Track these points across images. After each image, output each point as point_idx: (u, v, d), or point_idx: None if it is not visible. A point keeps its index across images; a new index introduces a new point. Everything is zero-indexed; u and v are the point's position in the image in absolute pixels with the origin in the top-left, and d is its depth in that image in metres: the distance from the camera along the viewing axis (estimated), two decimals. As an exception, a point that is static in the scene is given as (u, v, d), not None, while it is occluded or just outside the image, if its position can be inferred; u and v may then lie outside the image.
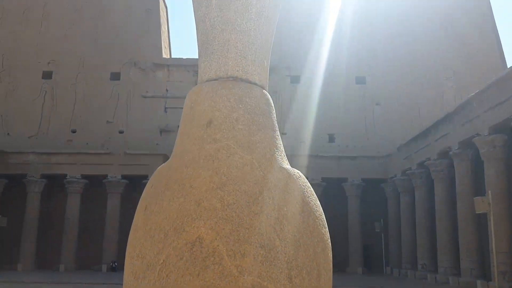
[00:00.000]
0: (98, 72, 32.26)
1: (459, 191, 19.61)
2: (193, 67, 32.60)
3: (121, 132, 31.51)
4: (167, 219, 1.94)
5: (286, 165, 2.17)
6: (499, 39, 33.54)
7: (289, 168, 2.16)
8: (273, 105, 2.33)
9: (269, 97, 2.31)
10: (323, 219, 2.19)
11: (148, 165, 28.01)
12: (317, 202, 2.20)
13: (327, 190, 27.66)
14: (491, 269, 16.62)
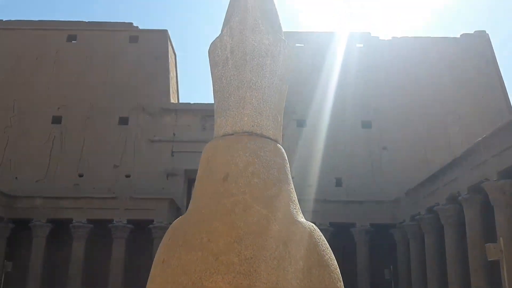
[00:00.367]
0: (107, 117, 32.75)
1: (470, 237, 19.27)
2: (200, 111, 33.05)
3: (127, 176, 31.59)
4: (185, 273, 1.97)
5: (301, 219, 2.21)
6: (503, 83, 33.91)
7: (304, 222, 2.19)
8: (287, 158, 2.41)
9: (283, 151, 2.38)
10: (338, 272, 2.21)
11: (154, 210, 27.89)
12: (332, 255, 2.22)
13: (335, 235, 27.29)
14: (505, 318, 16.09)
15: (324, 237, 2.37)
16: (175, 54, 39.43)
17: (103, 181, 30.97)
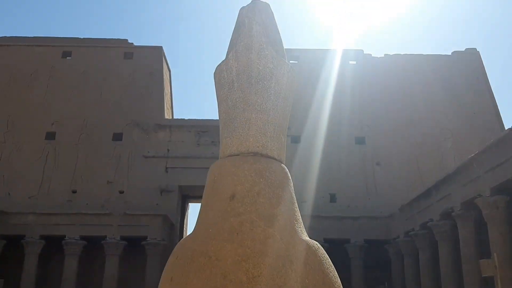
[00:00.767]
0: (101, 133, 32.71)
1: (464, 253, 19.31)
2: (194, 127, 33.12)
3: (121, 192, 31.45)
4: (194, 291, 2.02)
5: (305, 237, 2.28)
6: (494, 100, 34.35)
7: (308, 240, 2.25)
8: (290, 178, 2.48)
9: (287, 171, 2.45)
10: (342, 290, 2.27)
11: (147, 226, 27.71)
12: (335, 273, 2.28)
13: (329, 251, 27.12)
14: (501, 335, 16.07)
15: (327, 255, 2.43)
16: (169, 70, 39.61)
17: (97, 197, 30.80)
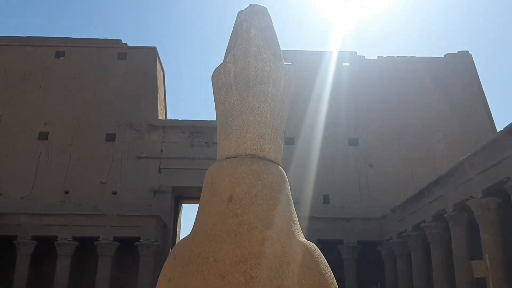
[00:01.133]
0: (94, 133, 32.57)
1: (456, 255, 19.44)
2: (188, 128, 33.07)
3: (114, 193, 31.31)
4: (192, 292, 2.05)
5: (302, 238, 2.31)
6: (486, 102, 34.62)
7: (305, 242, 2.29)
8: (287, 180, 2.51)
9: (284, 173, 2.48)
10: (338, 290, 2.30)
11: (141, 227, 27.62)
12: (331, 274, 2.31)
13: (322, 253, 27.22)
14: (492, 335, 16.19)
15: (323, 256, 2.46)
16: (163, 71, 39.54)
17: (89, 198, 30.65)
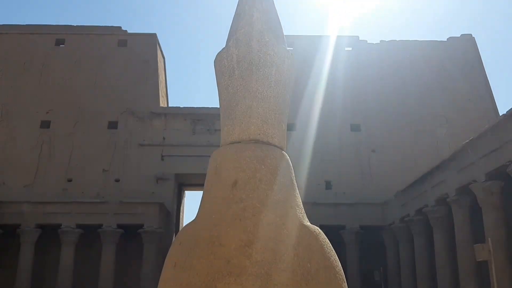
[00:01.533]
0: (96, 121, 32.58)
1: (459, 239, 19.51)
2: (190, 115, 33.06)
3: (117, 180, 31.42)
4: (198, 275, 2.05)
5: (306, 222, 2.31)
6: (489, 86, 34.44)
7: (309, 225, 2.29)
8: (291, 165, 2.50)
9: (288, 158, 2.48)
10: (342, 273, 2.31)
11: (144, 214, 27.77)
12: (336, 257, 2.32)
13: (325, 237, 27.39)
14: (494, 318, 16.33)
15: (328, 239, 2.47)
16: (164, 58, 39.37)
17: (92, 186, 30.78)
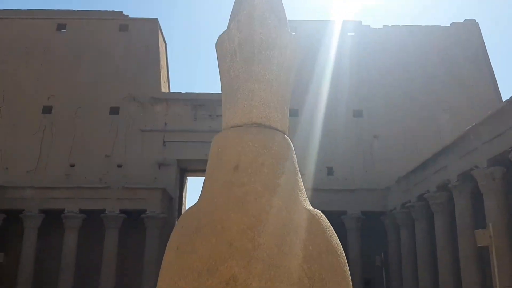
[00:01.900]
0: (98, 106, 32.57)
1: (460, 224, 19.58)
2: (191, 101, 33.00)
3: (119, 166, 31.53)
4: (200, 259, 2.05)
5: (308, 206, 2.31)
6: (492, 72, 34.23)
7: (312, 209, 2.29)
8: (293, 149, 2.49)
9: (290, 142, 2.47)
10: (344, 257, 2.32)
11: (146, 200, 27.93)
12: (338, 241, 2.32)
13: (327, 223, 27.50)
14: (494, 303, 16.46)
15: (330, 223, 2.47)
16: (165, 43, 39.18)
17: (95, 171, 30.90)
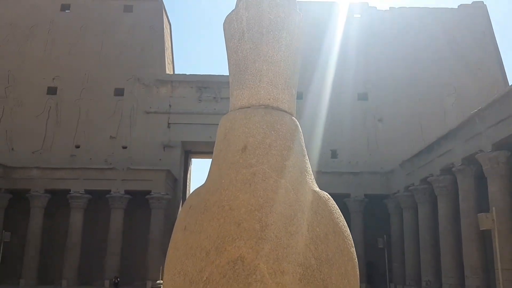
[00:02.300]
0: (102, 88, 32.55)
1: (463, 208, 19.62)
2: (196, 83, 32.91)
3: (124, 147, 31.65)
4: (208, 238, 2.08)
5: (315, 188, 2.32)
6: (499, 56, 33.87)
7: (319, 191, 2.30)
8: (301, 131, 2.49)
9: (298, 123, 2.46)
10: (351, 239, 2.33)
11: (151, 181, 28.09)
12: (345, 222, 2.34)
13: (330, 205, 27.60)
14: (496, 286, 16.59)
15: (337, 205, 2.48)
16: (170, 24, 38.91)
17: (100, 152, 31.03)
